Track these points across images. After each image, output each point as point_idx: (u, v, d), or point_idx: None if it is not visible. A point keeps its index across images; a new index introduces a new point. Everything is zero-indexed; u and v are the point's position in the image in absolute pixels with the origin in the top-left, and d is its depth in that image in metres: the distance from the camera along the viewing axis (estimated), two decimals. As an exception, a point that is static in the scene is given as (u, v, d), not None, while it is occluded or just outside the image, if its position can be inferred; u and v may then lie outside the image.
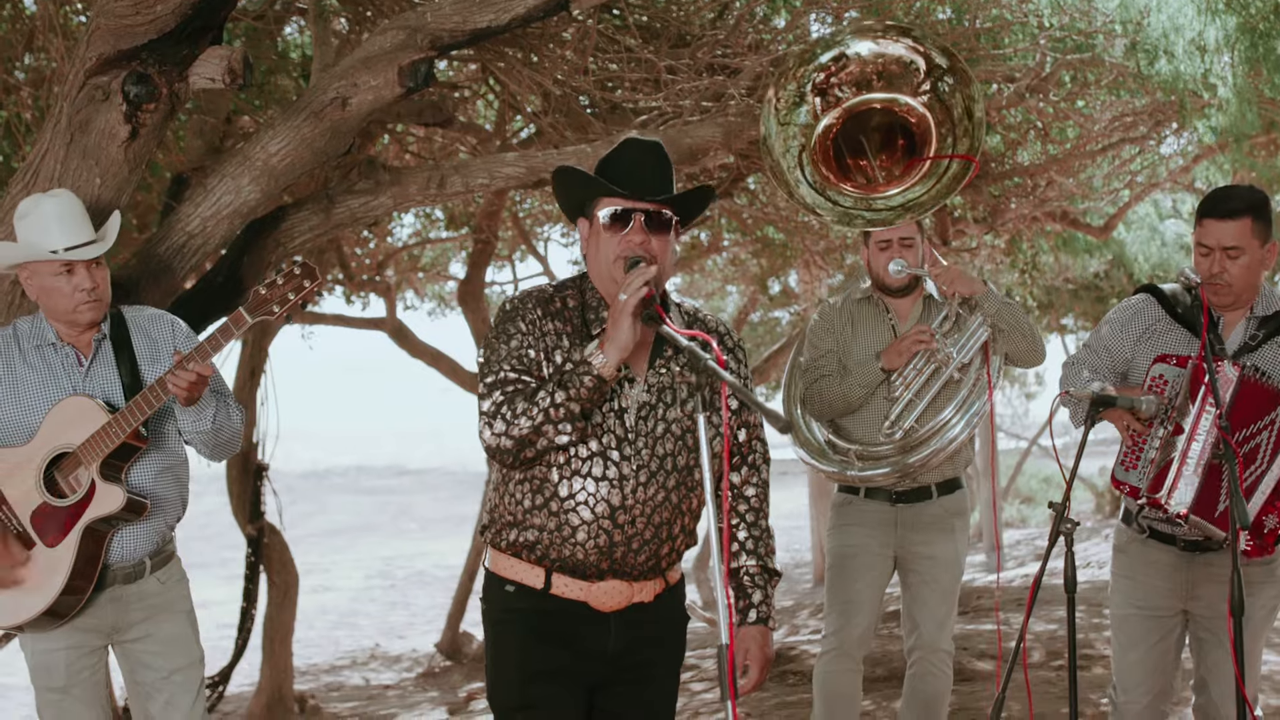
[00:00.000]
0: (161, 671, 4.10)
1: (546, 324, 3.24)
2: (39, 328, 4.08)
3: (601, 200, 3.22)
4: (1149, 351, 4.23)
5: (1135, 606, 4.26)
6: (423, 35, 4.92)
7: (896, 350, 4.95)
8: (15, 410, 4.02)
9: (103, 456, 3.90)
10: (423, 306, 15.05)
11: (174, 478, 4.17)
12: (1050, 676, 7.60)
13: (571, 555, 3.22)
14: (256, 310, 3.82)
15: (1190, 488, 3.98)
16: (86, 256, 3.96)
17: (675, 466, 3.24)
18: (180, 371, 3.79)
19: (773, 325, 19.50)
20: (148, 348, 4.12)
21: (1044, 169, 8.69)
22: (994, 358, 4.98)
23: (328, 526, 32.85)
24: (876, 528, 5.07)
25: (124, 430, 3.88)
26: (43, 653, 4.05)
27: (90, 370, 4.06)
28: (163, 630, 4.12)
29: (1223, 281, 4.09)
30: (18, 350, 4.05)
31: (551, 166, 5.25)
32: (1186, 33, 6.53)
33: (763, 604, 3.37)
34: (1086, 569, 12.54)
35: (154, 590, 4.11)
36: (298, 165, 5.05)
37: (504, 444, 3.13)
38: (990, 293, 4.90)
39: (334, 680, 13.46)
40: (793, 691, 7.93)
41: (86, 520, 3.91)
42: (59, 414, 3.97)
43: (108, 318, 4.10)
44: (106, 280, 4.06)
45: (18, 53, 6.58)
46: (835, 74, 4.62)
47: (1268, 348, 4.14)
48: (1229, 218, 4.05)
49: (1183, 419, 4.03)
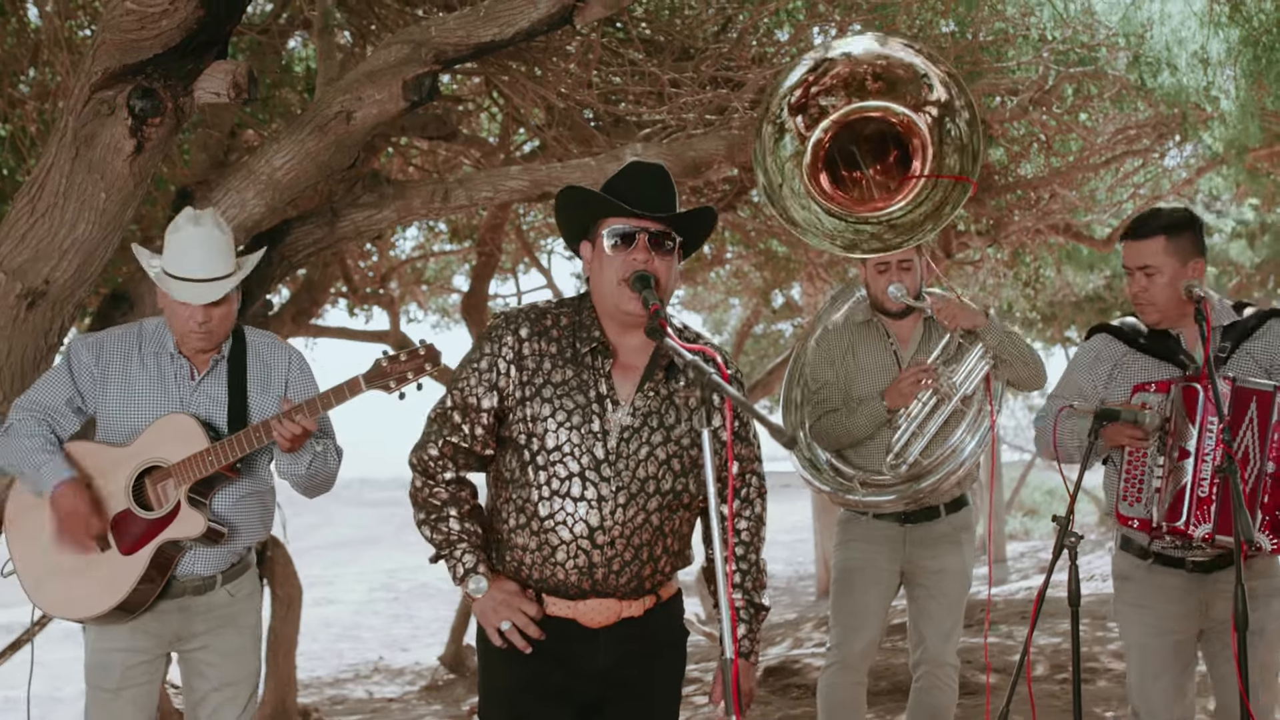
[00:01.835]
0: (214, 682, 4.13)
1: (532, 344, 3.25)
2: (161, 334, 4.11)
3: (606, 221, 3.22)
4: (1123, 385, 4.24)
5: (1156, 635, 4.20)
6: (427, 49, 4.93)
7: (899, 391, 4.92)
8: (123, 410, 4.06)
9: (193, 480, 3.93)
10: (426, 319, 15.07)
11: (259, 502, 4.19)
12: (1054, 690, 7.59)
13: (553, 575, 3.22)
14: (373, 382, 3.82)
15: (1209, 509, 3.96)
16: (196, 300, 3.93)
17: (658, 489, 3.22)
18: (287, 422, 3.83)
19: (776, 338, 19.52)
20: (260, 374, 4.13)
21: (1047, 182, 8.69)
22: (995, 384, 4.98)
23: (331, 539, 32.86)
24: (884, 544, 5.05)
25: (220, 461, 3.91)
26: (101, 651, 4.08)
27: (200, 385, 4.08)
28: (223, 642, 4.14)
29: (1144, 300, 4.19)
30: (137, 352, 4.09)
31: (555, 180, 5.27)
32: (1189, 45, 6.54)
33: (745, 639, 3.36)
34: (1090, 582, 12.53)
35: (222, 602, 4.14)
36: (302, 179, 5.07)
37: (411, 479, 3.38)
38: (992, 324, 4.89)
39: (337, 693, 13.45)
40: (796, 705, 7.91)
41: (164, 539, 3.95)
42: (161, 428, 4.00)
43: (229, 340, 4.12)
44: (225, 315, 4.03)
45: (23, 67, 6.61)
46: (813, 85, 4.59)
47: (1238, 356, 4.16)
48: (1143, 237, 4.16)
49: (1184, 442, 4.01)
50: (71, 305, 4.82)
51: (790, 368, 5.45)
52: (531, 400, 3.21)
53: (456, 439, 3.28)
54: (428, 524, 3.32)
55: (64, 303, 4.76)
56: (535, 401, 3.20)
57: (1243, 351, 4.17)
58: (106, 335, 4.17)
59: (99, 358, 4.09)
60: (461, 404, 3.27)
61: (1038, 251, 11.05)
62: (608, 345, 3.24)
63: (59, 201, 4.55)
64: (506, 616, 3.23)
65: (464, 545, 3.28)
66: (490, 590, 3.25)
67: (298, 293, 10.17)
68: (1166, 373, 4.17)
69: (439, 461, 3.29)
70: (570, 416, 3.19)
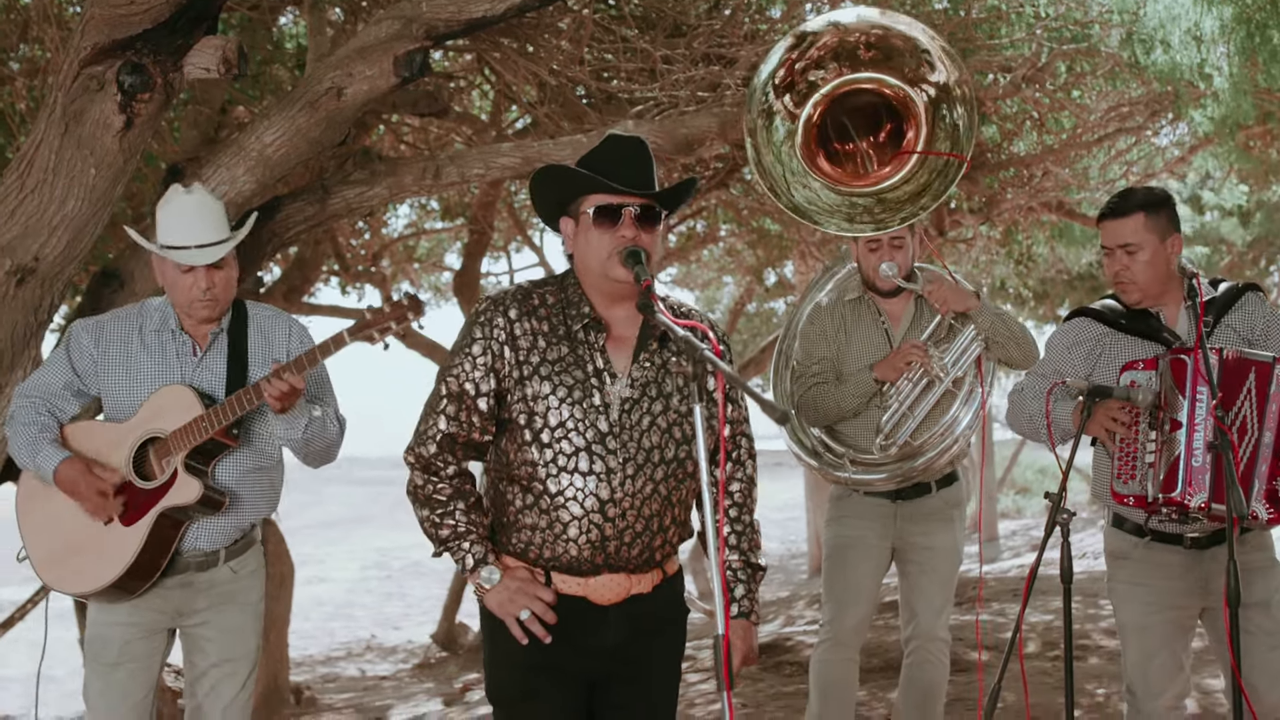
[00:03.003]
0: (213, 658, 4.15)
1: (522, 324, 3.24)
2: (164, 312, 4.14)
3: (589, 197, 3.21)
4: (1108, 366, 4.25)
5: (1155, 612, 4.19)
6: (418, 25, 4.91)
7: (890, 365, 4.92)
8: (128, 389, 4.09)
9: (189, 448, 3.96)
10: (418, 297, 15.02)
11: (266, 478, 4.21)
12: (1046, 667, 7.61)
13: (564, 552, 3.22)
14: (358, 333, 3.83)
15: (1204, 478, 3.97)
16: (199, 262, 3.99)
17: (663, 459, 3.23)
18: (275, 380, 3.83)
19: (769, 316, 19.52)
20: (262, 346, 4.16)
21: (1040, 159, 8.69)
22: (987, 364, 4.99)
23: (323, 518, 32.91)
24: (875, 520, 5.06)
25: (213, 426, 3.93)
26: (102, 624, 4.11)
27: (202, 361, 4.11)
28: (224, 619, 4.16)
29: (1126, 279, 4.21)
30: (138, 331, 4.12)
31: (547, 157, 5.25)
32: (1183, 22, 6.52)
33: (745, 598, 3.37)
34: (1082, 559, 12.56)
35: (225, 579, 4.15)
36: (293, 155, 5.05)
37: (410, 477, 3.35)
38: (984, 307, 4.89)
39: (330, 671, 13.47)
40: (789, 682, 7.94)
41: (162, 507, 3.97)
42: (158, 399, 4.04)
43: (230, 311, 4.16)
44: (227, 281, 4.09)
45: (12, 43, 6.57)
46: (798, 61, 4.58)
47: (1220, 330, 4.20)
48: (1122, 215, 4.19)
49: (1175, 413, 4.02)
50: (61, 282, 4.80)
51: (779, 344, 5.45)
52: (530, 379, 3.20)
53: (454, 429, 3.26)
54: (432, 519, 3.30)
55: (53, 280, 4.75)
56: (534, 380, 3.20)
57: (1224, 325, 4.22)
58: (109, 317, 4.20)
59: (98, 340, 4.12)
60: (457, 391, 3.26)
61: (1030, 229, 11.03)
62: (600, 320, 3.24)
63: (48, 178, 4.53)
64: (525, 605, 3.22)
65: (472, 537, 3.27)
66: (503, 580, 3.25)
67: (289, 270, 10.15)
68: (1151, 351, 4.19)
69: (439, 457, 3.28)
70: (571, 392, 3.19)
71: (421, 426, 3.32)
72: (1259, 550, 4.16)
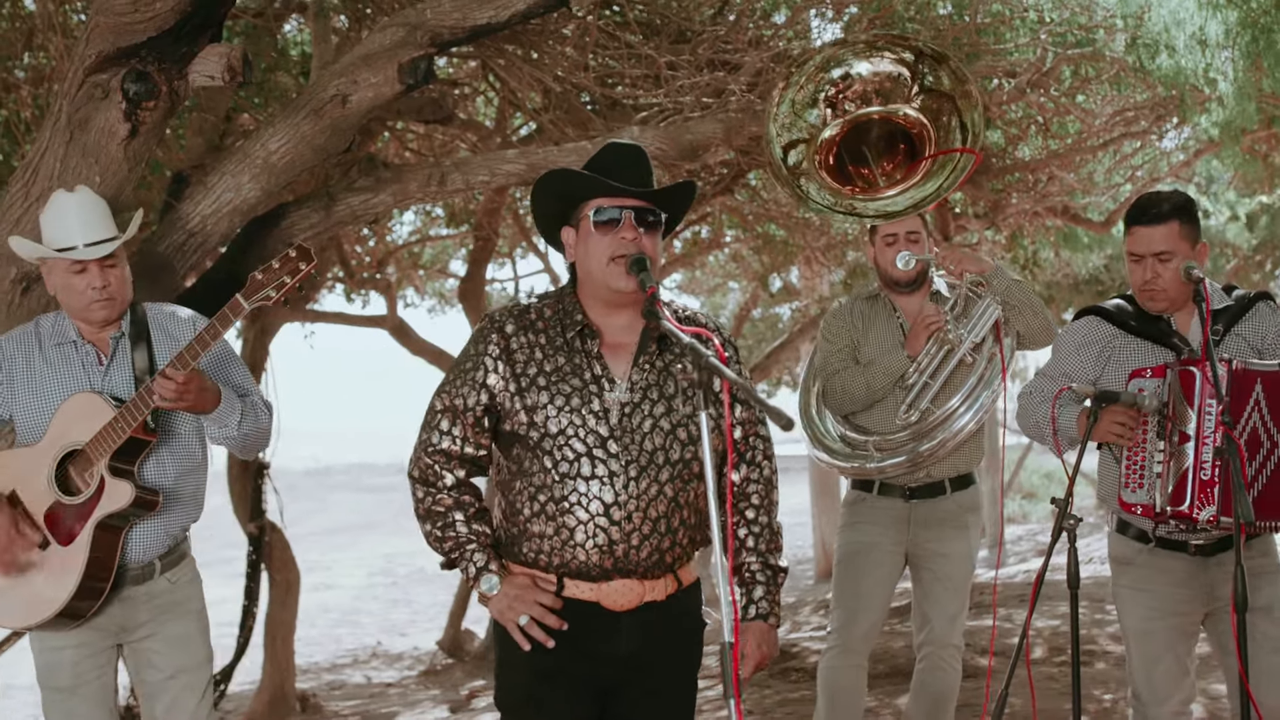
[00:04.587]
0: (166, 671, 4.07)
1: (519, 338, 3.27)
2: (61, 325, 4.05)
3: (589, 204, 3.23)
4: (1117, 370, 4.21)
5: (1159, 618, 4.18)
6: (422, 32, 4.91)
7: (914, 335, 4.95)
8: (37, 409, 4.00)
9: (111, 452, 3.86)
10: (423, 304, 15.05)
11: (192, 479, 4.13)
12: (1053, 672, 7.60)
13: (574, 558, 3.22)
14: (253, 295, 3.77)
15: (1213, 491, 3.94)
16: (91, 256, 3.92)
17: (668, 460, 3.23)
18: (162, 380, 3.75)
19: (774, 321, 19.50)
20: (168, 346, 4.04)
21: (1045, 164, 8.68)
22: (1006, 340, 4.97)
23: (329, 524, 32.91)
24: (890, 525, 5.05)
25: (129, 424, 3.84)
26: (50, 650, 4.02)
27: (109, 369, 4.03)
28: (169, 629, 4.07)
29: (1157, 287, 4.11)
30: (39, 348, 4.04)
31: (552, 163, 5.25)
32: (1188, 27, 6.52)
33: (763, 600, 3.37)
34: (1089, 565, 12.53)
35: (163, 590, 4.07)
36: (298, 163, 5.05)
37: (413, 494, 3.38)
38: (999, 269, 4.91)
39: (335, 678, 13.47)
40: (795, 688, 7.92)
41: (97, 517, 3.87)
42: (66, 411, 3.94)
43: (128, 315, 4.07)
44: (121, 279, 4.01)
45: (17, 51, 6.58)
46: (843, 90, 4.63)
47: (1230, 339, 4.15)
48: (1157, 223, 4.07)
49: (1183, 425, 3.99)
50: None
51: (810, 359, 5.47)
52: (528, 391, 3.23)
53: (447, 444, 3.30)
54: (436, 533, 3.32)
55: (59, 288, 4.74)
56: (532, 392, 3.23)
57: (1233, 334, 4.16)
58: (4, 338, 4.11)
59: (0, 363, 4.04)
60: (450, 407, 3.31)
61: (1035, 234, 11.03)
62: (592, 327, 3.27)
63: (54, 185, 4.52)
64: (523, 610, 3.23)
65: (473, 545, 3.29)
66: (503, 588, 3.25)
67: (294, 278, 10.13)
68: (1161, 357, 4.15)
69: (435, 471, 3.31)
70: (569, 400, 3.21)
71: (418, 442, 3.36)
72: (1263, 555, 4.14)
